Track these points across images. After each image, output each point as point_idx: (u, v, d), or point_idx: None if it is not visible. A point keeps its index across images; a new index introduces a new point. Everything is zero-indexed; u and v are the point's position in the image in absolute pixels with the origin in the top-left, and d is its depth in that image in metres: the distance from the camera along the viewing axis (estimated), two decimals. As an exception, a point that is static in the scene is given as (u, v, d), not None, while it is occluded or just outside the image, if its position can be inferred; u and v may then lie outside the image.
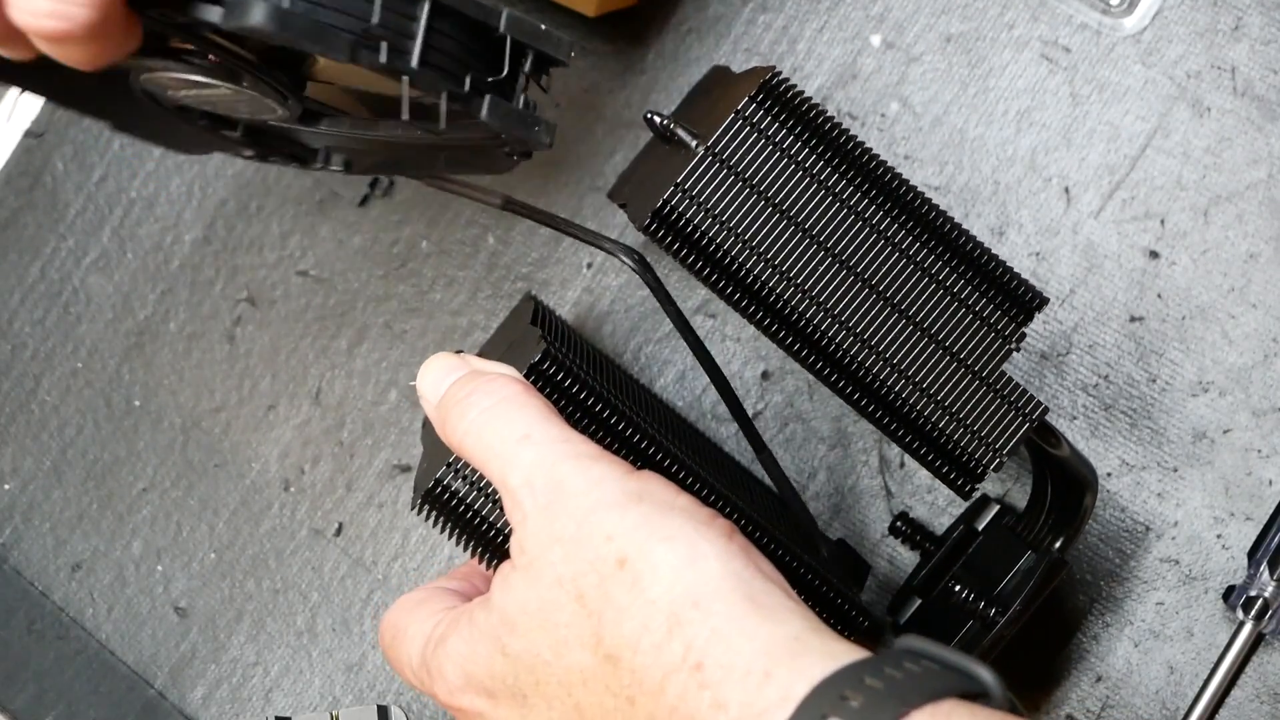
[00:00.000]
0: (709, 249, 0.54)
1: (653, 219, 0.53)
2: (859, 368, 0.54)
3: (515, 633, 0.50)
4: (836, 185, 0.54)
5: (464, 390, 0.53)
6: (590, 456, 0.50)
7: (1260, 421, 0.65)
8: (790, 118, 0.54)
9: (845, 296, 0.54)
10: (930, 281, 0.54)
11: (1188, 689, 0.65)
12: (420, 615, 0.54)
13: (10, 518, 0.78)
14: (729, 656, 0.46)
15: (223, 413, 0.76)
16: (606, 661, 0.48)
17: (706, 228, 0.53)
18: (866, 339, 0.54)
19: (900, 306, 0.54)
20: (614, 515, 0.49)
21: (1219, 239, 0.67)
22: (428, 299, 0.75)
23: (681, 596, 0.47)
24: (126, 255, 0.79)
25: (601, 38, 0.74)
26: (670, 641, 0.46)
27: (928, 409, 0.55)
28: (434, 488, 0.54)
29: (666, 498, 0.50)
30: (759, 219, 0.54)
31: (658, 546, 0.48)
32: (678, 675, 0.46)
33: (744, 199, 0.54)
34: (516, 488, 0.50)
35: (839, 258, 0.54)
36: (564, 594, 0.48)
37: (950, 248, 0.55)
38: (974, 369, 0.55)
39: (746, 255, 0.54)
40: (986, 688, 0.45)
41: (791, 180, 0.54)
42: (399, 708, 0.72)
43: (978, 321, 0.55)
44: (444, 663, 0.52)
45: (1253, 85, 0.67)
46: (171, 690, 0.75)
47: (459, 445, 0.53)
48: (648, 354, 0.72)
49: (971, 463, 0.55)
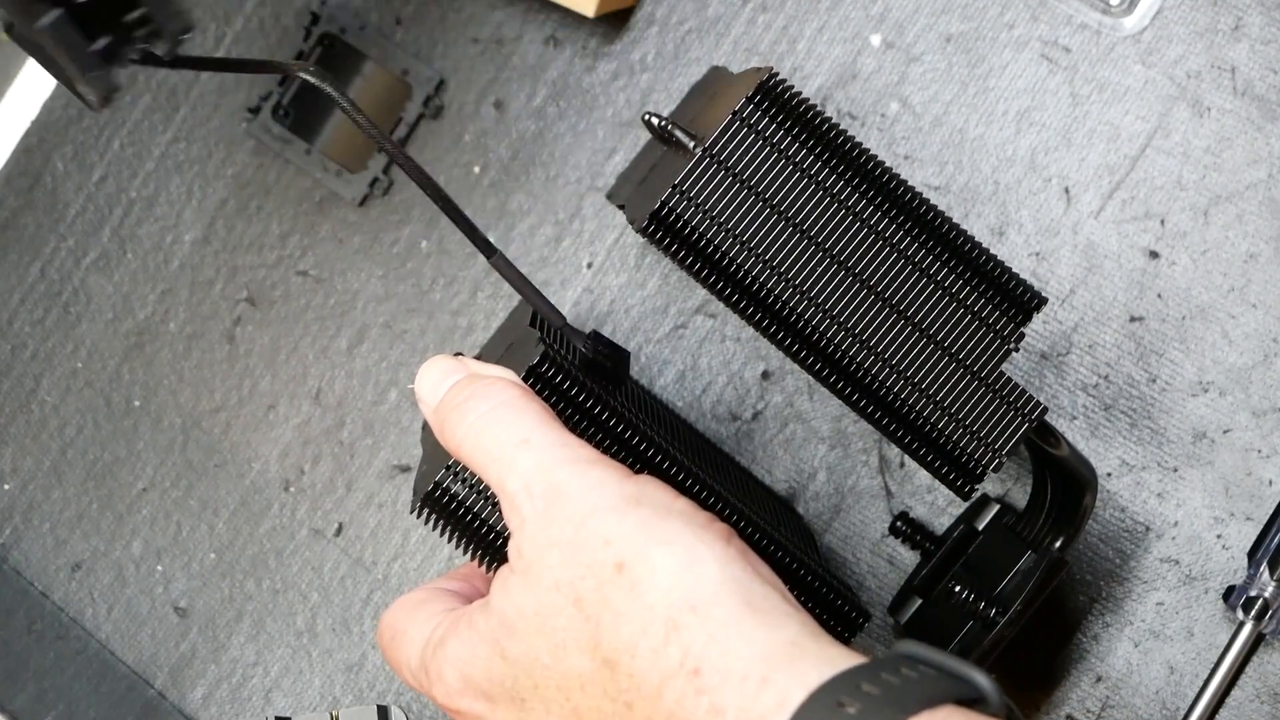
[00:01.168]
0: (707, 251, 0.54)
1: (650, 220, 0.53)
2: (858, 369, 0.54)
3: (514, 636, 0.50)
4: (834, 186, 0.54)
5: (462, 394, 0.53)
6: (588, 461, 0.50)
7: (1260, 421, 0.65)
8: (788, 119, 0.54)
9: (844, 298, 0.54)
10: (929, 282, 0.54)
11: (1188, 689, 0.65)
12: (419, 617, 0.54)
13: (10, 518, 0.78)
14: (726, 661, 0.46)
15: (223, 413, 0.76)
16: (604, 666, 0.48)
17: (704, 229, 0.53)
18: (865, 340, 0.54)
19: (899, 307, 0.54)
20: (612, 519, 0.49)
21: (1219, 239, 0.67)
22: (428, 299, 0.75)
23: (679, 601, 0.47)
24: (126, 255, 0.79)
25: (601, 38, 0.74)
26: (668, 646, 0.47)
27: (927, 410, 0.55)
28: (433, 490, 0.54)
29: (664, 501, 0.50)
30: (757, 221, 0.54)
31: (656, 551, 0.48)
32: (675, 680, 0.46)
33: (742, 201, 0.53)
34: (515, 492, 0.50)
35: (837, 259, 0.54)
36: (562, 598, 0.49)
37: (949, 248, 0.55)
38: (973, 369, 0.55)
39: (745, 257, 0.53)
40: (983, 693, 0.45)
41: (789, 182, 0.54)
42: (399, 708, 0.72)
43: (976, 322, 0.55)
44: (443, 665, 0.52)
45: (1253, 85, 0.67)
46: (171, 690, 0.75)
47: (457, 449, 0.53)
48: (648, 354, 0.72)
49: (971, 463, 0.55)
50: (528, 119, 0.75)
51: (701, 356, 0.71)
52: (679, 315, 0.72)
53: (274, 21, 0.79)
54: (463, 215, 0.55)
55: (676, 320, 0.72)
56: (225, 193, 0.78)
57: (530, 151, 0.74)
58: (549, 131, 0.74)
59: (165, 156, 0.79)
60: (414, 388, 0.56)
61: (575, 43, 0.74)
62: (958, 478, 0.56)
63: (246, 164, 0.78)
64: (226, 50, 0.79)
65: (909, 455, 0.56)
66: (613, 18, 0.73)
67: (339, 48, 0.77)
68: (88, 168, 0.80)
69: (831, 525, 0.69)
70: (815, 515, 0.69)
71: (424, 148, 0.76)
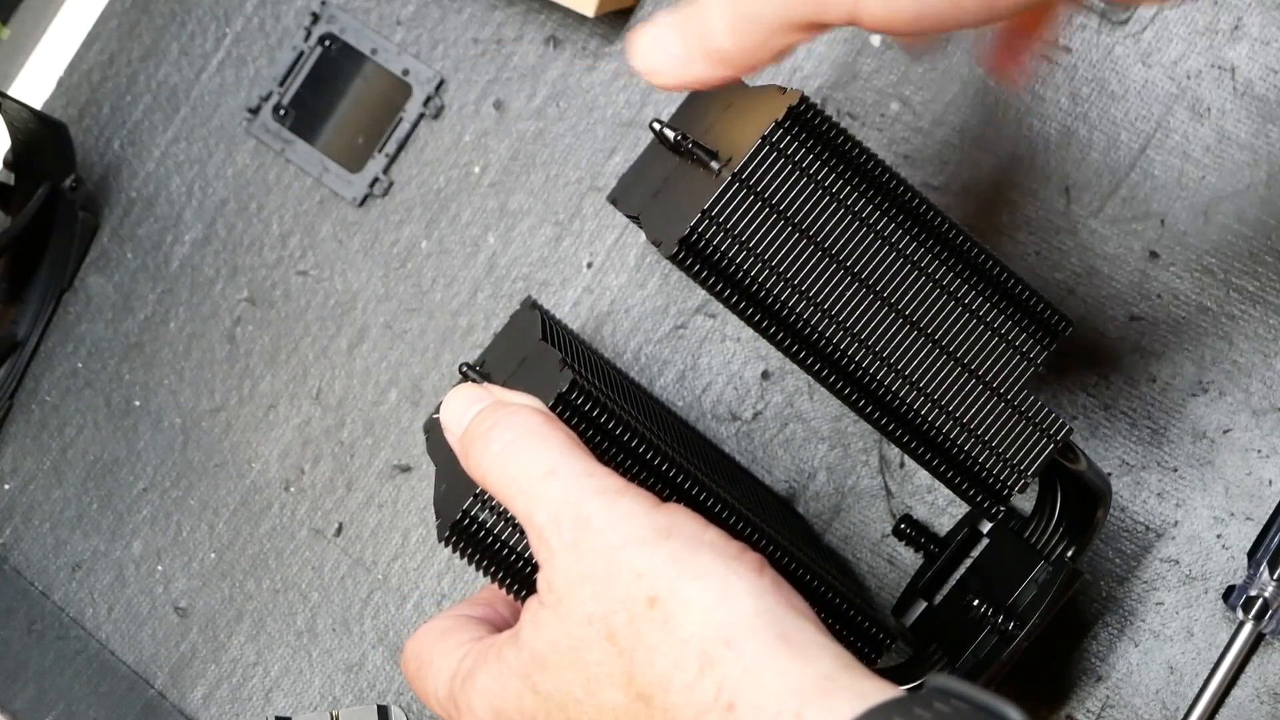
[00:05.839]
0: (737, 277, 0.53)
1: (681, 247, 0.53)
2: (891, 396, 0.54)
3: (545, 671, 0.50)
4: (864, 212, 0.54)
5: (486, 423, 0.53)
6: (616, 491, 0.50)
7: (1260, 421, 0.65)
8: (818, 144, 0.53)
9: (878, 326, 0.54)
10: (957, 306, 0.54)
11: (1188, 689, 0.65)
12: (446, 647, 0.54)
13: (10, 518, 0.78)
14: (760, 696, 0.46)
15: (223, 413, 0.76)
16: (639, 700, 0.48)
17: (734, 255, 0.53)
18: (898, 367, 0.54)
19: (929, 333, 0.54)
20: (644, 552, 0.49)
21: (1219, 239, 0.67)
22: (428, 299, 0.75)
23: (713, 635, 0.47)
24: (126, 255, 0.79)
25: (601, 38, 0.74)
26: (702, 681, 0.47)
27: (957, 434, 0.55)
28: (461, 519, 0.53)
29: (695, 532, 0.50)
30: (788, 247, 0.53)
31: (689, 585, 0.48)
32: (709, 715, 0.46)
33: (772, 227, 0.53)
34: (543, 525, 0.50)
35: (870, 286, 0.54)
36: (594, 632, 0.49)
37: (976, 271, 0.55)
38: (1000, 392, 0.55)
39: (775, 283, 0.53)
40: None
41: (819, 207, 0.53)
42: (399, 708, 0.72)
43: (1004, 345, 0.55)
44: (472, 698, 0.52)
45: (1253, 85, 0.67)
46: (171, 690, 0.75)
47: (483, 479, 0.52)
48: (648, 354, 0.72)
49: (997, 485, 0.55)
50: (528, 119, 0.75)
51: (701, 356, 0.71)
52: (679, 315, 0.72)
53: (274, 21, 0.79)
54: None
55: (676, 320, 0.72)
56: (225, 193, 0.78)
57: (530, 151, 0.74)
58: (549, 131, 0.74)
59: (165, 156, 0.79)
60: (439, 416, 0.55)
61: (575, 43, 0.74)
62: (984, 499, 0.56)
63: (246, 164, 0.78)
64: (226, 50, 0.79)
65: (938, 479, 0.56)
66: (613, 18, 0.73)
67: (339, 48, 0.77)
68: (88, 168, 0.80)
69: (831, 525, 0.69)
70: (815, 515, 0.69)
71: (424, 148, 0.76)
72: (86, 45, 0.82)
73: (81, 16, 0.83)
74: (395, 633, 0.73)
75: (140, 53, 0.81)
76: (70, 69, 0.82)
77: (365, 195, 0.76)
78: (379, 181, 0.76)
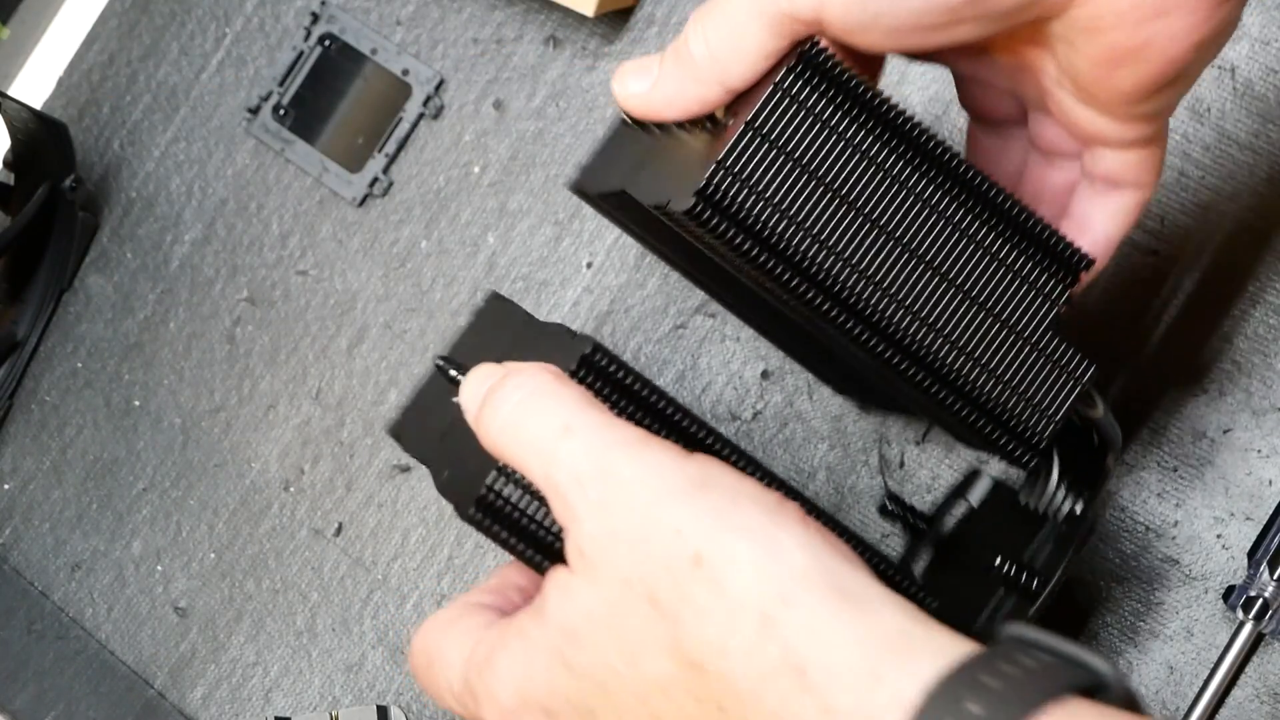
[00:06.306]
0: (755, 228, 0.52)
1: (698, 200, 0.51)
2: (916, 345, 0.53)
3: (578, 644, 0.46)
4: (881, 158, 0.52)
5: (494, 389, 0.49)
6: (640, 441, 0.46)
7: (1260, 421, 0.65)
8: (830, 88, 0.52)
9: (900, 274, 0.52)
10: (977, 248, 0.53)
11: (1188, 689, 0.65)
12: (455, 636, 0.50)
13: (10, 518, 0.78)
14: (831, 657, 0.42)
15: (223, 413, 0.76)
16: (689, 669, 0.44)
17: (751, 206, 0.52)
18: (924, 316, 0.53)
19: (950, 277, 0.53)
20: (680, 506, 0.45)
21: (1219, 238, 0.67)
22: (427, 299, 0.75)
23: (770, 593, 0.43)
24: (126, 255, 0.79)
25: (601, 38, 0.74)
26: (764, 644, 0.43)
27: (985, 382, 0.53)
28: (485, 495, 0.49)
29: (732, 483, 0.46)
30: (805, 196, 0.52)
31: (733, 539, 0.44)
32: (777, 680, 0.43)
33: (788, 175, 0.52)
34: (563, 484, 0.46)
35: (891, 234, 0.52)
36: (634, 596, 0.45)
37: (993, 210, 0.53)
38: (1023, 334, 0.53)
39: (794, 233, 0.52)
40: (1104, 680, 0.41)
41: (835, 154, 0.52)
42: (399, 708, 0.72)
43: (1025, 286, 0.54)
44: (493, 684, 0.48)
45: (1252, 85, 0.67)
46: (171, 690, 0.75)
47: (494, 445, 0.49)
48: (648, 354, 0.72)
49: (1027, 432, 0.54)
50: (527, 119, 0.75)
51: (701, 356, 0.71)
52: (679, 315, 0.72)
53: (274, 21, 0.79)
54: None
55: (676, 320, 0.72)
56: (225, 193, 0.78)
57: (530, 151, 0.74)
58: (549, 131, 0.74)
59: (165, 156, 0.79)
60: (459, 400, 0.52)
61: (575, 43, 0.74)
62: (1017, 448, 0.54)
63: (246, 164, 0.78)
64: (226, 50, 0.79)
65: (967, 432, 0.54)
66: (613, 18, 0.73)
67: (339, 48, 0.77)
68: (88, 168, 0.80)
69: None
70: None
71: (424, 148, 0.76)
72: (86, 45, 0.82)
73: (81, 16, 0.83)
74: (395, 633, 0.73)
75: (140, 53, 0.81)
76: (70, 69, 0.82)
77: (365, 195, 0.76)
78: (379, 181, 0.76)
